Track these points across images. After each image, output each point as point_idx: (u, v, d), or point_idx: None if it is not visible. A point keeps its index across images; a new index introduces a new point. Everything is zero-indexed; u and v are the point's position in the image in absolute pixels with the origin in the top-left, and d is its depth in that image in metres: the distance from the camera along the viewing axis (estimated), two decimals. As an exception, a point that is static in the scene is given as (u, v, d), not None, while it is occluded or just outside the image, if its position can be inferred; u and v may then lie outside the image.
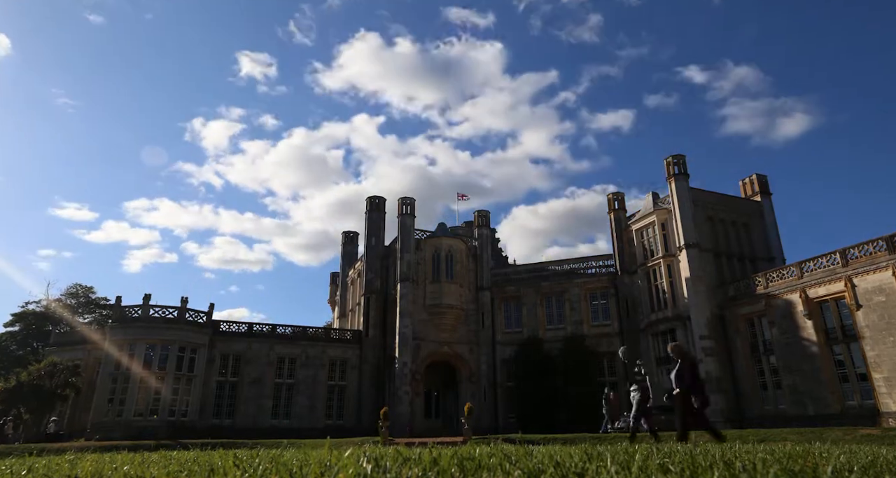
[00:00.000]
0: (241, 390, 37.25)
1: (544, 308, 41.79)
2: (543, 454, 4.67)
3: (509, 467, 3.40)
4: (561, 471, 3.29)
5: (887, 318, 25.40)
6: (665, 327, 36.20)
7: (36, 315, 54.99)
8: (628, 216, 41.36)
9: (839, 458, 4.64)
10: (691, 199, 36.31)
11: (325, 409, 39.32)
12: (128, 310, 35.25)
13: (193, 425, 33.90)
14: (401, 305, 39.90)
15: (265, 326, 40.12)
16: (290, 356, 39.33)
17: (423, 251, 42.01)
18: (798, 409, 29.13)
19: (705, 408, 10.59)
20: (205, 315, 36.99)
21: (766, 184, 40.55)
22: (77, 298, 60.88)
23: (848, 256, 27.55)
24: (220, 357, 37.28)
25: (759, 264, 36.98)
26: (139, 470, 4.08)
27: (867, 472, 3.59)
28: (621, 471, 3.26)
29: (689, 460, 3.98)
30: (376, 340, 42.05)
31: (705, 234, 36.28)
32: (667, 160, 37.30)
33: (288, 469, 3.52)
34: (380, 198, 45.80)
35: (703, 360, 32.72)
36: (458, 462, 3.53)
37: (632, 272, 39.61)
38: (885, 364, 25.43)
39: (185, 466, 4.28)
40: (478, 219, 45.65)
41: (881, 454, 5.47)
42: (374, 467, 3.28)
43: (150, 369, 33.56)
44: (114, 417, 32.47)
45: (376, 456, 4.04)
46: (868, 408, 26.11)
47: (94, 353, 38.27)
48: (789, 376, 29.88)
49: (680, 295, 35.47)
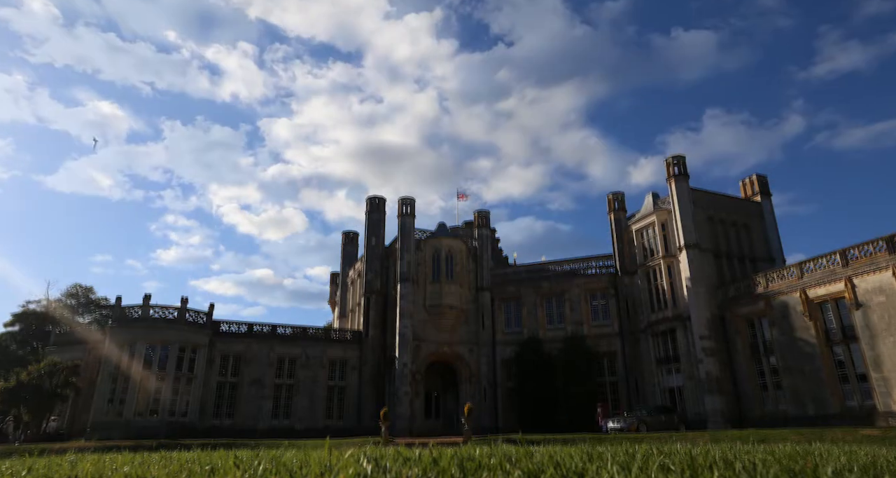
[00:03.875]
0: (241, 391, 37.24)
1: (544, 308, 41.76)
2: (543, 455, 4.66)
3: (509, 468, 3.40)
4: (561, 471, 3.29)
5: (887, 318, 25.38)
6: (665, 328, 36.19)
7: (36, 315, 54.87)
8: (628, 216, 41.34)
9: (839, 458, 4.64)
10: (691, 199, 36.29)
11: (325, 409, 39.29)
12: (128, 310, 35.23)
13: (193, 425, 33.89)
14: (401, 306, 39.88)
15: (265, 326, 40.07)
16: (290, 357, 39.31)
17: (423, 251, 42.00)
18: (798, 409, 29.11)
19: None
20: (205, 315, 36.98)
21: (766, 184, 40.53)
22: (77, 298, 60.79)
23: (848, 256, 27.52)
24: (220, 357, 37.26)
25: (759, 265, 36.96)
26: (139, 471, 4.08)
27: (867, 472, 3.59)
28: (621, 471, 3.26)
29: (689, 461, 3.97)
30: (376, 340, 42.03)
31: (705, 234, 36.26)
32: (667, 161, 37.29)
33: (288, 470, 3.52)
34: (380, 198, 45.82)
35: (703, 360, 32.75)
36: (458, 462, 3.53)
37: (632, 273, 39.59)
38: (885, 364, 25.40)
39: (186, 466, 4.28)
40: (478, 219, 45.63)
41: (881, 455, 5.46)
42: (374, 468, 3.28)
43: (150, 370, 33.53)
44: (114, 417, 32.44)
45: (376, 456, 4.04)
46: (868, 408, 26.08)
47: (94, 353, 38.24)
48: (789, 376, 29.85)
49: (680, 295, 35.45)
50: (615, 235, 41.21)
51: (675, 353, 35.41)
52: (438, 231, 43.74)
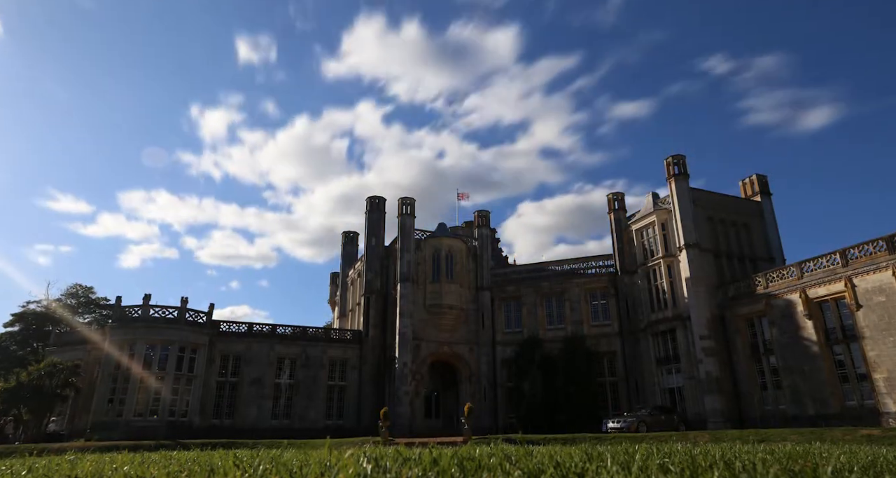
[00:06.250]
0: (241, 391, 37.23)
1: (544, 308, 41.77)
2: (543, 454, 4.67)
3: (509, 468, 3.40)
4: (561, 471, 3.29)
5: (887, 318, 25.39)
6: (665, 327, 36.19)
7: (36, 315, 54.92)
8: (628, 216, 41.34)
9: (839, 458, 4.64)
10: (691, 199, 36.30)
11: (325, 409, 39.29)
12: (128, 310, 35.23)
13: (193, 425, 33.89)
14: (401, 306, 39.89)
15: (265, 326, 40.09)
16: (290, 357, 39.31)
17: (423, 251, 42.00)
18: (798, 409, 29.11)
19: None
20: (205, 315, 36.97)
21: (766, 184, 40.53)
22: (77, 298, 60.84)
23: (848, 256, 27.53)
24: (220, 357, 37.26)
25: (759, 264, 36.96)
26: (139, 470, 4.08)
27: (867, 472, 3.59)
28: (621, 471, 3.26)
29: (689, 461, 3.98)
30: (376, 340, 42.04)
31: (705, 234, 36.27)
32: (667, 160, 37.29)
33: (288, 470, 3.52)
34: (380, 198, 45.81)
35: (703, 360, 32.76)
36: (458, 462, 3.53)
37: (632, 272, 39.59)
38: (885, 364, 25.41)
39: (186, 466, 4.29)
40: (478, 219, 45.64)
41: (881, 454, 5.46)
42: (374, 468, 3.28)
43: (150, 370, 33.52)
44: (114, 417, 32.43)
45: (376, 456, 4.04)
46: (868, 408, 26.09)
47: (94, 353, 38.24)
48: (789, 376, 29.85)
49: (680, 295, 35.46)
50: (615, 234, 41.22)
51: (675, 353, 35.41)
52: (438, 231, 43.74)
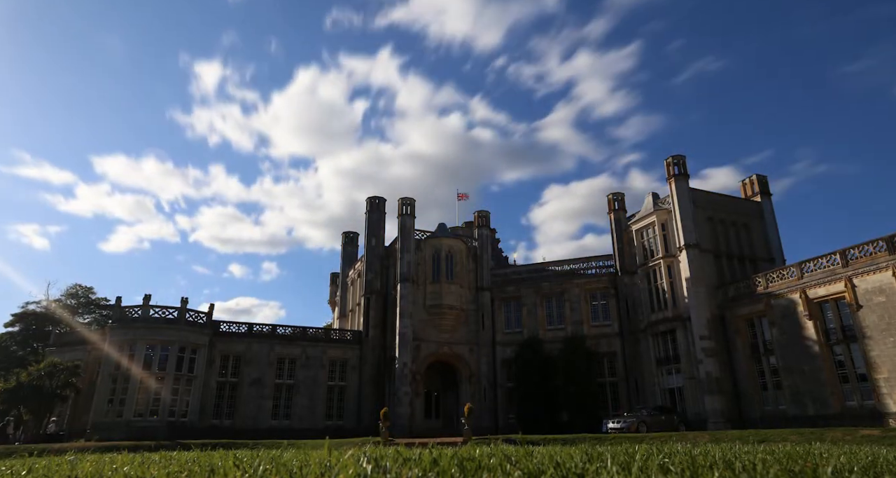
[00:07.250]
0: (241, 391, 37.23)
1: (544, 308, 41.76)
2: (543, 455, 4.67)
3: (509, 468, 3.40)
4: (561, 472, 3.29)
5: (887, 318, 25.39)
6: (665, 328, 36.18)
7: (36, 316, 54.92)
8: (628, 216, 41.34)
9: (839, 458, 4.64)
10: (691, 199, 36.30)
11: (325, 409, 39.29)
12: (128, 310, 35.23)
13: (193, 425, 33.88)
14: (401, 306, 39.88)
15: (265, 326, 40.12)
16: (290, 357, 39.32)
17: (423, 252, 42.00)
18: (798, 409, 29.11)
19: None
20: (205, 316, 36.97)
21: (766, 184, 40.52)
22: (77, 298, 60.87)
23: (848, 256, 27.53)
24: (220, 358, 37.27)
25: (759, 265, 36.96)
26: (139, 471, 4.08)
27: (867, 472, 3.59)
28: (621, 472, 3.26)
29: (690, 461, 3.98)
30: (376, 340, 42.04)
31: (705, 234, 36.27)
32: (667, 161, 37.28)
33: (288, 470, 3.52)
34: (380, 198, 45.83)
35: (703, 360, 32.75)
36: (458, 463, 3.53)
37: (632, 273, 39.59)
38: (885, 364, 25.41)
39: (186, 466, 4.29)
40: (478, 219, 45.63)
41: (881, 455, 5.46)
42: (374, 468, 3.27)
43: (150, 370, 33.52)
44: (114, 417, 32.43)
45: (376, 457, 4.04)
46: (868, 408, 26.09)
47: (94, 353, 38.25)
48: (789, 376, 29.85)
49: (680, 295, 35.46)
50: (615, 235, 41.22)
51: (675, 353, 35.41)
52: (438, 231, 43.74)
